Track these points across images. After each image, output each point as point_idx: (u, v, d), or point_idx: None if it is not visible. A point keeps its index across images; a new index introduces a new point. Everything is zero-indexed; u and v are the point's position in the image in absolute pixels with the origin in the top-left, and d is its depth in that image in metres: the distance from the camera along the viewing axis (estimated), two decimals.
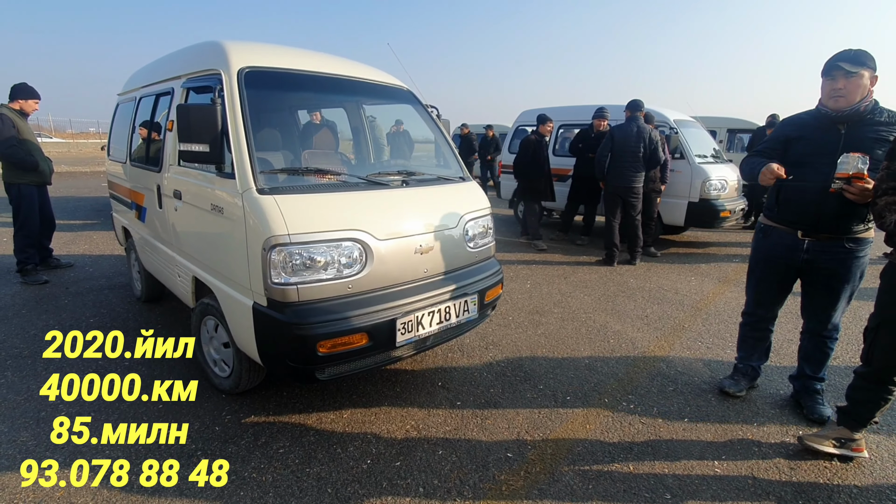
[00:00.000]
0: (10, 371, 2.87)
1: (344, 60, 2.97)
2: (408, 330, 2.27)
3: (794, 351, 3.25)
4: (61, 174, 14.77)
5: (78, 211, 8.27)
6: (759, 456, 2.26)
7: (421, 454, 2.22)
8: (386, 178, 2.58)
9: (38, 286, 4.38)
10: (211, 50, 2.57)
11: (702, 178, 6.06)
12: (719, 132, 9.38)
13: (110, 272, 4.87)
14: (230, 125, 2.21)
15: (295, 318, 2.02)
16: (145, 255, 3.61)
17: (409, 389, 2.77)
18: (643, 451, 2.27)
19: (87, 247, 5.90)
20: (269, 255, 2.01)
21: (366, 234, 2.19)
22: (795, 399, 2.70)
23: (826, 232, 2.34)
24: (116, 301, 4.09)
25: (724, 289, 4.83)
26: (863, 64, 2.20)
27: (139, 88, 3.60)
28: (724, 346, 3.46)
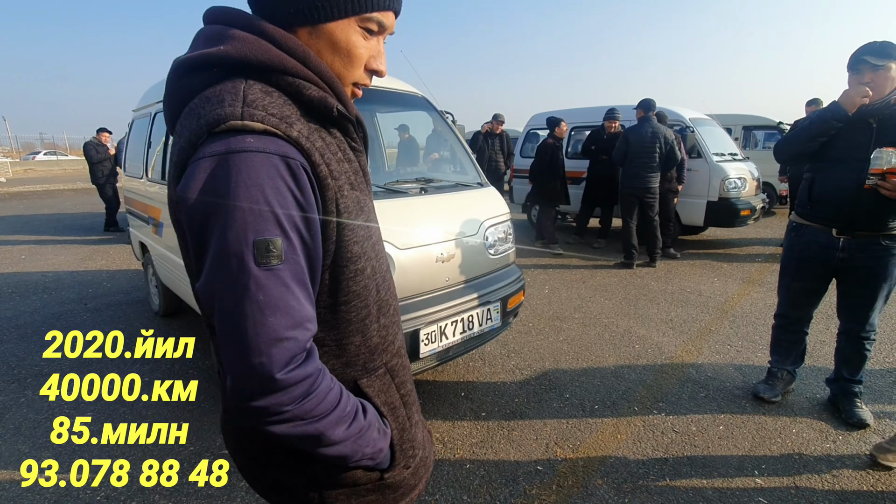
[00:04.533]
0: (31, 390, 2.87)
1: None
2: (431, 340, 2.22)
3: (827, 352, 3.15)
4: (77, 191, 15.04)
5: (95, 227, 8.37)
6: (800, 464, 2.16)
7: (448, 468, 2.16)
8: (404, 185, 2.54)
9: (59, 303, 4.41)
10: None
11: (720, 176, 5.95)
12: (734, 129, 9.24)
13: (128, 287, 4.89)
14: None
15: None
16: (163, 270, 3.60)
17: (433, 401, 2.71)
18: (679, 463, 2.19)
19: (104, 262, 5.94)
20: None
21: (386, 243, 2.14)
22: (833, 402, 2.59)
23: (862, 229, 2.25)
24: (134, 316, 4.10)
25: (749, 289, 4.71)
26: (889, 56, 2.12)
27: (154, 104, 3.61)
28: (754, 349, 3.35)
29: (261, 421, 0.64)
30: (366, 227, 0.77)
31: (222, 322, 0.62)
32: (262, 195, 0.60)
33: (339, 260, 0.72)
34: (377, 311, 0.81)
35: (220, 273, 0.61)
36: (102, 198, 7.95)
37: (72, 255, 6.35)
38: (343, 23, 0.72)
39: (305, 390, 0.64)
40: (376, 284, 0.80)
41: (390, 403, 0.84)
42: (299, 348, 0.63)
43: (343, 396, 0.72)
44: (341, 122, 0.74)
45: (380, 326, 0.82)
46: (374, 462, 0.79)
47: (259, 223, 0.60)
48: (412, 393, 0.92)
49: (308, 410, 0.65)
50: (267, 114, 0.63)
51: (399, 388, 0.86)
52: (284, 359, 0.61)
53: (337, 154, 0.72)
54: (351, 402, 0.73)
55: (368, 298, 0.78)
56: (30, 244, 7.01)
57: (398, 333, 0.89)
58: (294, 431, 0.66)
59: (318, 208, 0.67)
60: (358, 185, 0.76)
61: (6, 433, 2.45)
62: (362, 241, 0.75)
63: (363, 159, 0.82)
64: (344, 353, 0.78)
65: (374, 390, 0.82)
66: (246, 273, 0.60)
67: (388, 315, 0.84)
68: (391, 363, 0.85)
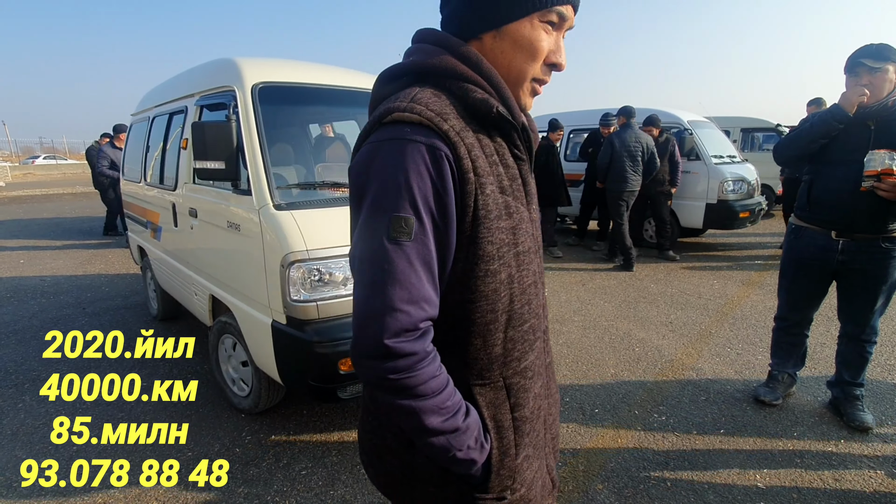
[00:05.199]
0: (28, 395, 2.85)
1: (357, 73, 2.95)
2: None
3: (828, 356, 3.15)
4: (76, 195, 15.03)
5: (93, 231, 8.37)
6: (802, 467, 2.15)
7: None
8: None
9: (58, 307, 4.39)
10: (224, 67, 2.56)
11: (719, 178, 5.95)
12: (733, 132, 9.24)
13: (126, 291, 4.88)
14: (245, 141, 2.18)
15: (316, 336, 1.97)
16: (161, 274, 3.59)
17: None
18: (680, 466, 2.17)
19: (102, 266, 5.93)
20: (288, 271, 1.97)
21: None
22: (834, 406, 2.58)
23: (861, 231, 2.25)
24: (133, 320, 4.08)
25: (749, 291, 4.70)
26: (886, 59, 2.13)
27: (152, 108, 3.61)
28: (754, 351, 3.34)
29: (366, 381, 0.73)
30: (508, 233, 0.76)
31: (355, 284, 0.71)
32: (405, 178, 0.67)
33: (472, 256, 0.73)
34: (506, 320, 0.79)
35: (360, 241, 0.70)
36: (104, 201, 7.94)
37: (70, 259, 6.34)
38: (525, 21, 0.76)
39: (409, 365, 0.68)
40: (511, 294, 0.78)
41: (498, 421, 0.81)
42: (411, 323, 0.67)
43: (447, 389, 0.73)
44: (502, 125, 0.76)
45: (506, 338, 0.80)
46: (464, 471, 0.78)
47: (397, 202, 0.67)
48: (530, 423, 0.85)
49: (408, 387, 0.69)
50: (426, 109, 0.70)
51: (513, 410, 0.82)
52: (394, 329, 0.66)
53: (492, 156, 0.75)
54: (454, 399, 0.74)
55: (497, 304, 0.77)
56: (28, 248, 7.00)
57: (529, 354, 0.84)
58: (393, 403, 0.71)
59: (455, 199, 0.71)
60: (511, 192, 0.77)
61: (3, 439, 2.44)
62: (500, 244, 0.75)
63: (525, 168, 0.82)
64: (463, 352, 0.79)
65: (485, 400, 0.80)
66: (379, 244, 0.67)
67: (519, 330, 0.81)
68: (512, 380, 0.82)
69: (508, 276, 0.77)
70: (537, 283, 0.85)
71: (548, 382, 0.93)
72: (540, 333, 0.88)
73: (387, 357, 0.67)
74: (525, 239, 0.80)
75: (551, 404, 0.95)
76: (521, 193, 0.80)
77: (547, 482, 0.93)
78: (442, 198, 0.69)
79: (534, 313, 0.84)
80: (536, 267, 0.85)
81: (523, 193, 0.81)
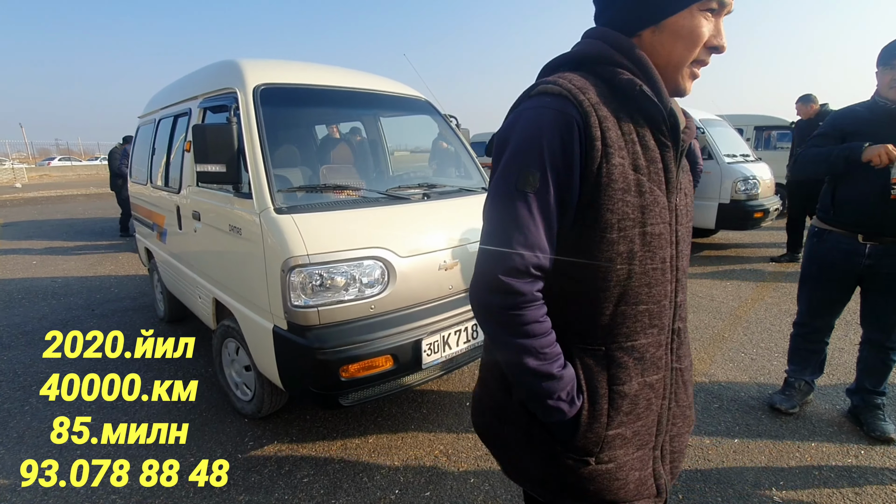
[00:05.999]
0: (35, 398, 2.86)
1: (360, 73, 2.91)
2: (434, 350, 2.16)
3: (847, 361, 3.05)
4: (90, 196, 15.23)
5: (105, 232, 8.45)
6: (820, 480, 2.07)
7: (451, 483, 2.10)
8: (406, 191, 2.49)
9: (67, 309, 4.42)
10: (226, 69, 2.53)
11: (732, 178, 5.82)
12: (746, 130, 9.07)
13: (135, 293, 4.90)
14: (246, 144, 2.15)
15: (317, 342, 1.93)
16: (167, 276, 3.59)
17: (437, 411, 2.65)
18: (692, 477, 2.10)
19: (112, 268, 5.97)
20: (289, 276, 1.93)
21: (388, 251, 2.09)
22: (854, 415, 2.49)
23: (890, 235, 2.15)
24: (140, 322, 4.09)
25: (763, 294, 4.59)
26: None
27: (158, 110, 3.61)
28: (769, 356, 3.25)
29: (477, 312, 0.83)
30: (634, 209, 0.78)
31: (483, 224, 0.83)
32: (539, 138, 0.76)
33: (590, 220, 0.78)
34: (619, 294, 0.81)
35: (494, 188, 0.81)
36: (119, 203, 7.99)
37: (82, 260, 6.40)
38: (684, 13, 0.79)
39: (516, 303, 0.78)
40: (630, 270, 0.80)
41: (593, 386, 0.84)
42: (524, 265, 0.77)
43: (547, 337, 0.80)
44: (647, 107, 0.79)
45: (616, 311, 0.82)
46: (551, 419, 0.84)
47: (529, 157, 0.76)
48: (631, 404, 0.86)
49: (512, 323, 0.78)
50: (568, 83, 0.78)
51: (610, 382, 0.84)
52: (507, 267, 0.77)
53: (629, 134, 0.79)
54: (553, 349, 0.81)
55: (611, 274, 0.80)
56: (42, 249, 7.08)
57: (640, 336, 0.85)
58: (496, 336, 0.82)
59: (581, 163, 0.76)
60: (647, 173, 0.80)
61: (9, 441, 2.44)
62: (622, 216, 0.78)
63: (669, 156, 0.83)
64: (571, 312, 0.84)
65: (583, 363, 0.85)
66: (508, 191, 0.78)
67: (633, 308, 0.83)
68: (614, 353, 0.84)
69: (629, 252, 0.79)
70: (666, 272, 0.85)
71: (675, 388, 0.93)
72: (659, 323, 0.86)
73: (498, 291, 0.78)
74: (657, 223, 0.81)
75: (676, 413, 0.95)
76: (659, 178, 0.81)
77: (649, 483, 0.92)
78: (568, 159, 0.75)
79: (654, 299, 0.84)
80: (669, 257, 0.85)
81: (663, 179, 0.82)
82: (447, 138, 3.14)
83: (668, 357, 0.90)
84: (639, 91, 0.78)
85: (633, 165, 0.79)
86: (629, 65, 0.81)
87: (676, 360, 0.93)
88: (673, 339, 0.91)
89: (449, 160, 3.26)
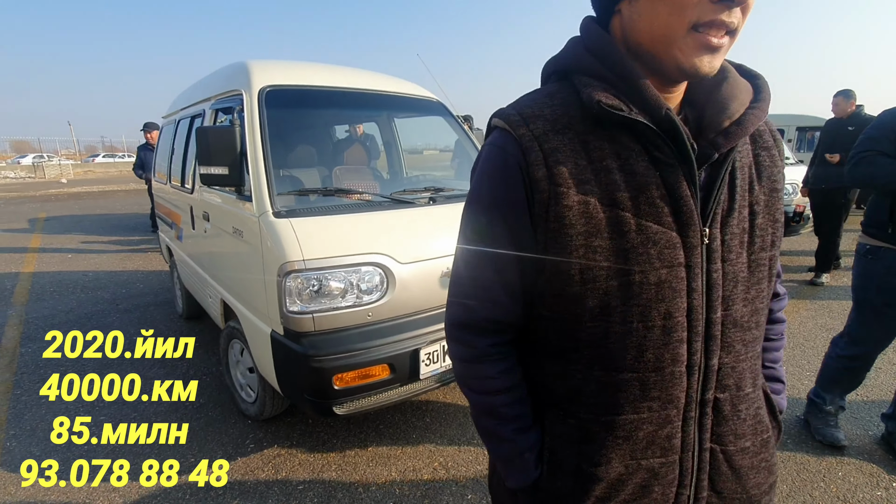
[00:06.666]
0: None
1: (370, 73, 2.87)
2: (433, 360, 2.10)
3: (883, 382, 2.83)
4: (129, 192, 15.83)
5: (138, 227, 8.74)
6: None
7: (448, 499, 2.03)
8: (412, 195, 2.44)
9: (94, 303, 4.57)
10: (236, 71, 2.54)
11: None
12: (788, 130, 8.65)
13: (158, 288, 5.03)
14: (249, 146, 2.13)
15: (311, 349, 1.90)
16: (184, 274, 3.65)
17: (439, 420, 2.59)
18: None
19: (141, 263, 6.16)
20: (285, 281, 1.90)
21: (387, 257, 2.04)
22: (888, 441, 2.29)
23: None
24: (160, 318, 4.18)
25: (797, 306, 4.33)
26: None
27: (179, 111, 3.67)
28: (800, 375, 3.04)
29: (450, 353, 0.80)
30: (607, 255, 0.62)
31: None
32: (483, 182, 0.70)
33: (548, 271, 0.66)
34: (591, 357, 0.67)
35: (458, 235, 0.77)
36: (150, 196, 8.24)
37: (114, 254, 6.63)
38: None
39: (467, 356, 0.75)
40: (606, 330, 0.65)
41: (558, 460, 0.72)
42: (471, 318, 0.73)
43: (502, 396, 0.73)
44: (617, 121, 0.63)
45: (588, 377, 0.68)
46: (507, 482, 0.77)
47: (480, 204, 0.71)
48: (607, 485, 0.69)
49: (465, 374, 0.76)
50: (515, 113, 0.67)
51: (581, 459, 0.70)
52: (457, 318, 0.75)
53: (601, 161, 0.63)
54: (510, 410, 0.73)
55: (579, 333, 0.66)
56: (77, 244, 7.37)
57: (625, 408, 0.67)
58: (460, 383, 0.79)
59: (529, 206, 0.66)
60: (633, 206, 0.63)
61: (22, 434, 2.50)
62: (588, 267, 0.63)
63: (676, 176, 0.63)
64: (544, 367, 0.74)
65: (552, 432, 0.73)
66: (460, 241, 0.75)
67: (612, 374, 0.66)
68: (589, 427, 0.69)
69: (602, 307, 0.64)
70: (675, 330, 0.64)
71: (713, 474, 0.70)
72: (662, 395, 0.66)
73: (451, 339, 0.77)
74: (653, 268, 0.62)
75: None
76: (657, 209, 0.63)
77: None
78: (514, 204, 0.66)
79: (648, 366, 0.65)
80: (683, 309, 0.64)
81: (667, 210, 0.63)
82: (461, 140, 3.07)
83: (692, 436, 0.69)
84: (597, 108, 0.62)
85: (609, 200, 0.63)
86: (602, 71, 0.65)
87: (715, 438, 0.70)
88: (704, 413, 0.68)
89: (469, 161, 3.19)
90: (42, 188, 17.07)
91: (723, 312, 0.66)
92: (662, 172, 0.63)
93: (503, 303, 0.71)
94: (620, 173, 0.63)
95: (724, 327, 0.67)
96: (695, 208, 0.64)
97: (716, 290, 0.65)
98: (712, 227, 0.65)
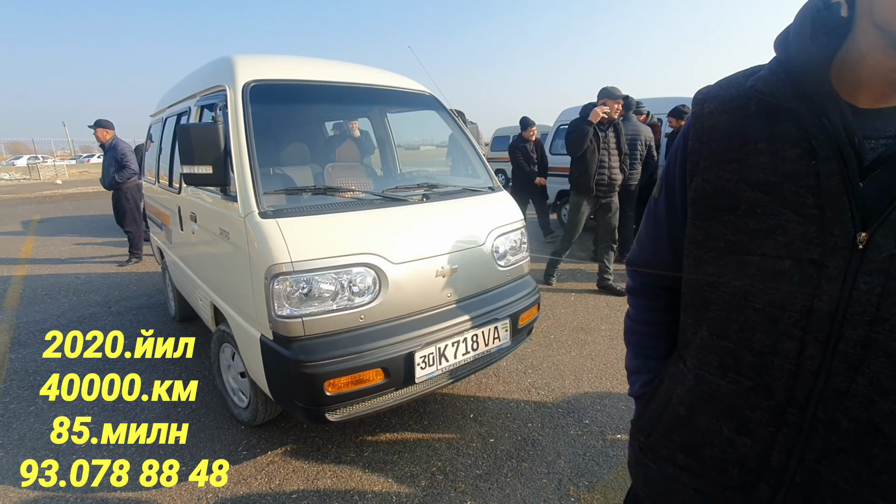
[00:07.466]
0: (42, 399, 2.86)
1: (361, 67, 2.78)
2: (429, 363, 2.03)
3: None
4: None
5: None
6: None
7: None
8: (405, 192, 2.36)
9: (86, 306, 4.49)
10: (220, 65, 2.45)
11: None
12: None
13: (152, 290, 4.95)
14: (233, 144, 2.05)
15: (301, 354, 1.83)
16: (175, 276, 3.57)
17: (438, 422, 2.52)
18: None
19: (134, 265, 6.07)
20: (272, 284, 1.83)
21: (379, 257, 1.97)
22: None
23: None
24: (153, 320, 4.11)
25: None
26: None
27: (166, 109, 3.58)
28: None
29: None
30: (732, 231, 0.66)
31: None
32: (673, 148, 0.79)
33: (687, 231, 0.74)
34: (698, 316, 0.74)
35: None
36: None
37: (107, 256, 6.54)
38: None
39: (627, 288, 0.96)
40: (717, 299, 0.69)
41: (662, 390, 0.83)
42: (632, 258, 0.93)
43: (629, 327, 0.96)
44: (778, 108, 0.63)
45: (695, 333, 0.75)
46: None
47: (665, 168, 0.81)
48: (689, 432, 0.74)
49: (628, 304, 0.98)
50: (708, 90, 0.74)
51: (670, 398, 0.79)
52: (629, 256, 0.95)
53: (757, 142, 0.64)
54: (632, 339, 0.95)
55: (696, 295, 0.74)
56: (71, 246, 7.28)
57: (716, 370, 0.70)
58: None
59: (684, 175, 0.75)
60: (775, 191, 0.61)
61: (9, 443, 2.44)
62: (709, 236, 0.69)
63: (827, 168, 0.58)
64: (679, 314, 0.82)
65: (669, 369, 0.84)
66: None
67: (717, 342, 0.70)
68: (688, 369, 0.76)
69: (713, 279, 0.69)
70: (778, 322, 0.62)
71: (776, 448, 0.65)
72: (751, 375, 0.65)
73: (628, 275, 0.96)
74: (777, 256, 0.61)
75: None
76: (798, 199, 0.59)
77: (685, 481, 0.77)
78: (677, 167, 0.77)
79: (745, 343, 0.65)
80: (800, 308, 0.60)
81: (810, 202, 0.59)
82: (455, 135, 2.98)
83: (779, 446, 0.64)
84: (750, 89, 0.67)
85: (752, 181, 0.64)
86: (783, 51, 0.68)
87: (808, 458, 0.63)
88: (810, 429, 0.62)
89: (464, 157, 3.11)
90: (37, 189, 16.94)
91: (869, 333, 0.56)
92: (818, 163, 0.59)
93: (651, 250, 0.87)
94: (775, 157, 0.62)
95: (868, 351, 0.56)
96: (848, 206, 0.57)
97: (860, 305, 0.56)
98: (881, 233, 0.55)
